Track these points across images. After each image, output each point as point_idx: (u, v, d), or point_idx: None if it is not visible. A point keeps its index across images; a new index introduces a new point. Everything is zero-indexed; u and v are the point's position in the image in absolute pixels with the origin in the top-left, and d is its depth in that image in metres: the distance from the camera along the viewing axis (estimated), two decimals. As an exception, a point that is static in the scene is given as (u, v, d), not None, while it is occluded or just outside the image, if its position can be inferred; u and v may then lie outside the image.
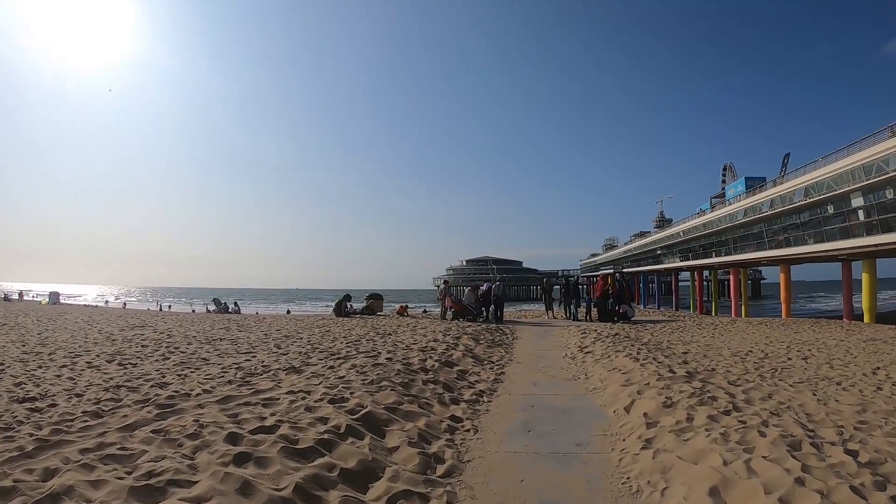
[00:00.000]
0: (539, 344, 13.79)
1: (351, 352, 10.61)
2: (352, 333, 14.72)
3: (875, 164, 28.24)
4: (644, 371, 8.57)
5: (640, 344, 12.28)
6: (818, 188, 32.92)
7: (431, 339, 12.52)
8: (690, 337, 15.09)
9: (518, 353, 12.17)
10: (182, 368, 9.14)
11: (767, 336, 15.69)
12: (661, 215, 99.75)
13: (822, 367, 10.30)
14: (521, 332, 16.80)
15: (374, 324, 18.24)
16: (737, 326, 19.02)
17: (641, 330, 16.67)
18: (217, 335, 15.05)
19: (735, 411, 6.34)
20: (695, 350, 11.96)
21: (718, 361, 10.50)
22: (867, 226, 29.68)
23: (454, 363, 9.68)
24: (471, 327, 16.40)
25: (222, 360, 9.95)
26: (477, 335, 14.15)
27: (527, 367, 10.15)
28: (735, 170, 77.68)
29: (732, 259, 44.56)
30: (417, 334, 14.01)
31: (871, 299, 31.43)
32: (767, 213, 38.68)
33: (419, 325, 16.99)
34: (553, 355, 11.79)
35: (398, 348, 10.96)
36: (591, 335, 14.28)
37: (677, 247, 58.21)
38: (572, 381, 8.87)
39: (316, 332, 15.26)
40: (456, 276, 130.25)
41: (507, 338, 14.80)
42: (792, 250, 36.05)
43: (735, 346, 13.17)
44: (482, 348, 12.00)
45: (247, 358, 10.24)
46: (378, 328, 16.25)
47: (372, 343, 12.18)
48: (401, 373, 8.14)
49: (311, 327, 17.26)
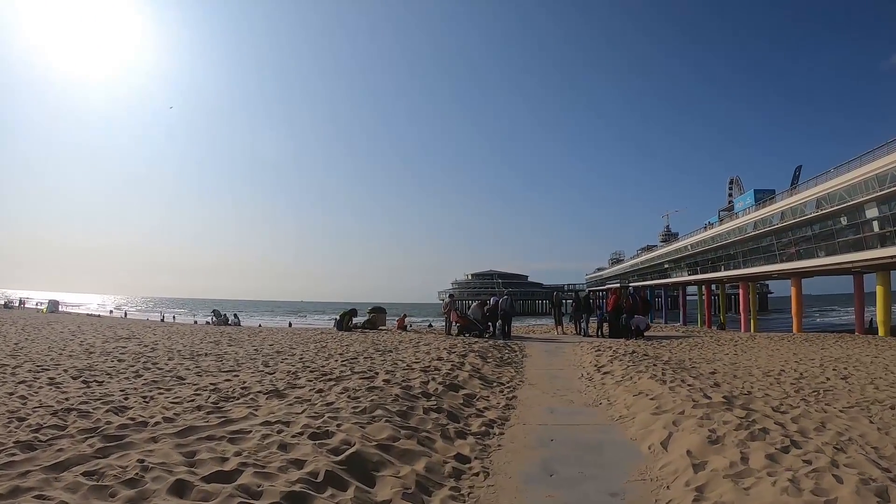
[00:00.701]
0: (551, 362, 12.69)
1: (345, 372, 9.52)
2: (349, 350, 13.65)
3: (889, 173, 27.30)
4: (675, 396, 7.45)
5: (662, 363, 11.16)
6: (830, 199, 31.93)
7: (435, 358, 11.43)
8: (712, 354, 13.95)
9: (529, 372, 11.06)
10: (151, 389, 8.05)
11: (794, 353, 14.55)
12: (666, 229, 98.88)
13: (867, 387, 9.21)
14: (530, 348, 15.70)
15: (375, 339, 17.16)
16: (758, 343, 17.86)
17: (658, 347, 15.54)
18: (204, 350, 14.01)
19: (794, 447, 5.26)
20: (722, 370, 10.83)
21: (752, 383, 9.40)
22: (881, 237, 28.63)
23: (460, 386, 8.57)
24: (477, 343, 15.30)
25: (199, 380, 8.87)
26: (484, 352, 13.05)
27: (540, 390, 9.03)
28: (742, 184, 76.92)
29: (742, 273, 43.43)
30: (420, 351, 12.93)
31: (886, 312, 30.35)
32: (778, 225, 37.65)
33: (422, 341, 15.91)
34: (567, 376, 10.68)
35: (398, 368, 9.87)
36: (606, 353, 13.16)
37: (685, 260, 57.13)
38: (593, 408, 7.75)
39: (311, 348, 14.21)
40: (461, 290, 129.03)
41: (517, 355, 13.70)
42: (805, 263, 34.92)
43: (763, 364, 12.05)
44: (490, 367, 10.89)
45: (227, 378, 9.15)
46: (378, 344, 15.17)
47: (370, 361, 11.10)
48: (399, 399, 7.04)
49: (307, 342, 16.20)
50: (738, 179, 79.55)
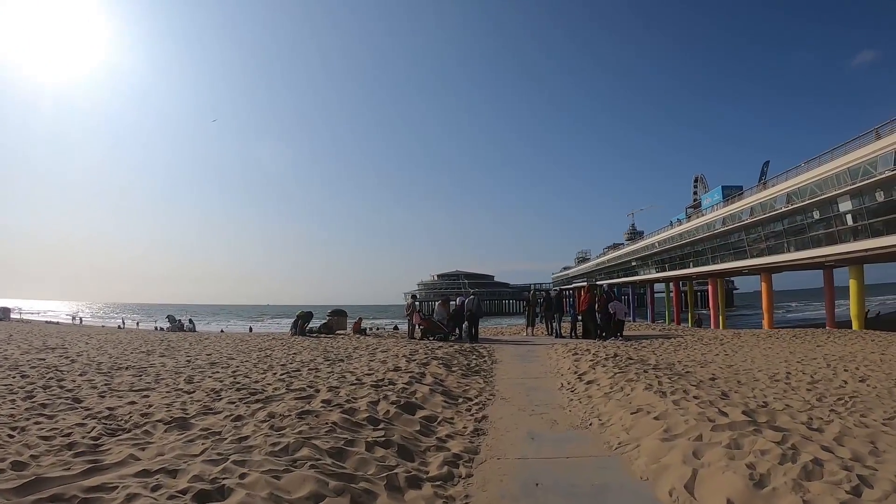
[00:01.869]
0: (525, 369, 11.18)
1: (279, 389, 7.84)
2: (295, 359, 11.93)
3: (862, 167, 26.69)
4: (684, 413, 5.98)
5: (652, 368, 9.73)
6: (801, 194, 31.33)
7: (391, 368, 9.80)
8: (702, 356, 12.62)
9: (501, 382, 9.52)
10: (29, 416, 6.30)
11: (791, 352, 13.34)
12: (632, 228, 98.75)
13: (894, 391, 7.96)
14: (500, 352, 14.19)
15: (329, 346, 15.41)
16: (745, 341, 16.64)
17: (640, 348, 14.17)
18: (129, 361, 12.12)
19: (865, 486, 3.93)
20: (721, 374, 9.45)
21: (762, 390, 8.03)
22: (854, 231, 28.06)
23: (418, 405, 6.96)
24: (441, 348, 13.71)
25: (97, 403, 7.10)
26: (449, 359, 11.47)
27: (516, 406, 7.49)
28: (706, 182, 76.89)
29: (712, 269, 42.82)
30: (376, 360, 11.27)
31: (859, 306, 29.81)
32: (747, 221, 37.03)
33: (381, 347, 14.23)
34: (545, 386, 9.17)
35: (344, 383, 8.22)
36: (585, 357, 11.71)
37: (653, 258, 56.51)
38: (583, 430, 6.23)
39: (252, 358, 12.45)
40: (427, 291, 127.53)
41: (486, 361, 12.16)
42: (777, 258, 34.31)
43: (762, 365, 10.75)
44: (455, 378, 9.30)
45: (133, 399, 7.39)
46: (331, 352, 13.45)
47: (314, 374, 9.42)
48: (336, 428, 5.43)
49: (251, 350, 14.39)
50: (702, 177, 79.47)
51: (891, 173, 24.77)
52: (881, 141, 25.30)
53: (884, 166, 25.39)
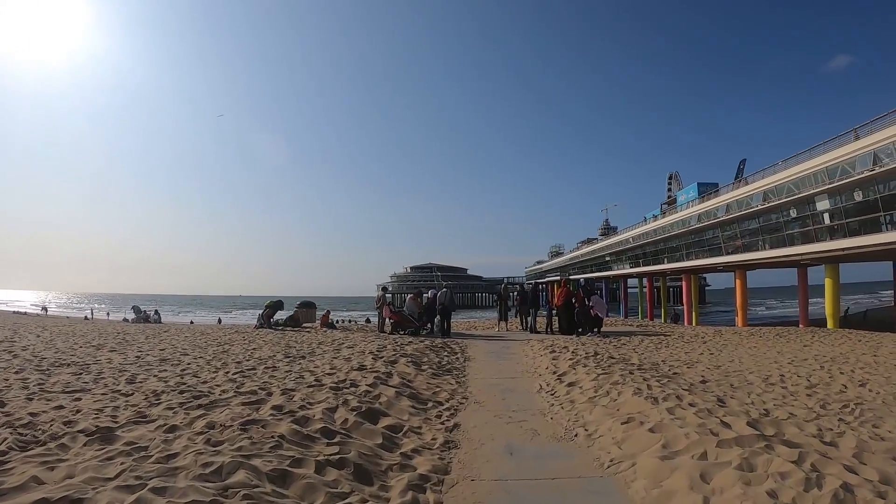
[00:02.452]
0: (500, 368, 10.45)
1: (227, 392, 6.99)
2: (253, 356, 11.04)
3: (840, 166, 26.56)
4: (682, 424, 5.29)
5: (637, 369, 9.08)
6: (778, 192, 31.18)
7: (356, 367, 8.97)
8: (686, 355, 12.05)
9: (474, 383, 8.77)
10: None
11: (778, 351, 12.87)
12: (606, 223, 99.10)
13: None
14: (473, 348, 13.47)
15: (293, 340, 14.50)
16: (728, 339, 16.15)
17: (620, 346, 13.55)
18: (75, 357, 11.15)
19: None
20: (710, 376, 8.85)
21: (758, 395, 7.46)
22: (831, 230, 27.99)
23: (382, 411, 6.17)
24: (412, 344, 12.91)
25: (22, 407, 6.20)
26: (419, 356, 10.68)
27: (491, 412, 6.75)
28: (681, 179, 77.24)
29: (687, 265, 42.69)
30: (341, 357, 10.44)
31: (835, 305, 29.81)
32: (723, 217, 36.91)
33: (348, 343, 13.37)
34: (522, 387, 8.45)
35: (302, 384, 7.40)
36: (564, 355, 11.03)
37: (627, 253, 56.35)
38: (567, 443, 5.50)
39: (207, 354, 11.52)
40: (400, 284, 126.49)
41: (458, 359, 11.41)
42: (752, 255, 34.19)
43: (751, 366, 10.21)
44: (425, 378, 8.52)
45: (62, 403, 6.50)
46: (293, 347, 12.57)
47: (270, 373, 8.57)
48: (283, 442, 4.63)
49: (209, 345, 13.45)
50: (677, 175, 79.88)
51: (870, 173, 24.66)
52: (860, 141, 25.14)
53: (862, 166, 25.28)
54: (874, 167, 24.49)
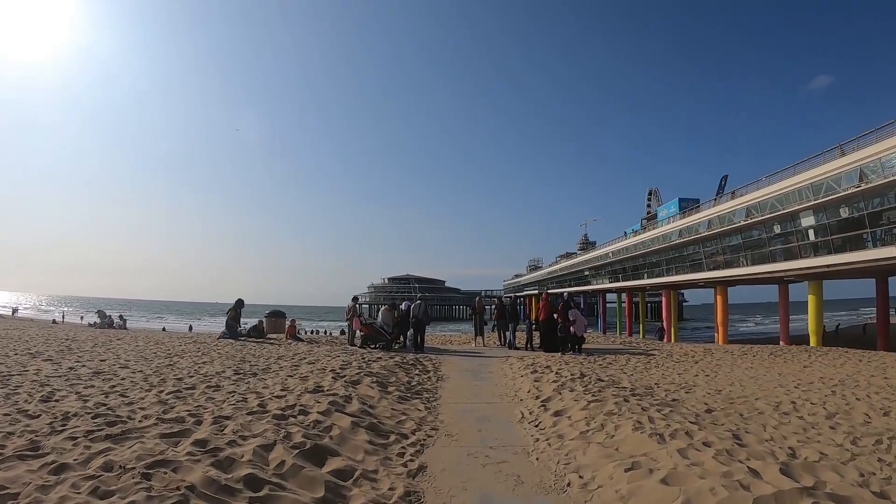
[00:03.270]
0: (476, 390, 9.30)
1: (149, 418, 5.73)
2: (199, 371, 9.72)
3: (825, 182, 26.02)
4: (703, 474, 4.21)
5: (630, 395, 8.01)
6: (761, 208, 30.64)
7: (311, 388, 7.75)
8: (679, 376, 11.00)
9: (447, 409, 7.62)
10: None
11: (778, 373, 11.88)
12: (584, 238, 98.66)
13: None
14: (447, 365, 12.32)
15: (251, 353, 13.13)
16: (720, 358, 15.07)
17: (606, 365, 12.46)
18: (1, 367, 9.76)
19: None
20: (714, 404, 7.78)
21: (774, 427, 6.41)
22: (814, 246, 27.44)
23: (330, 450, 4.97)
24: (380, 360, 11.69)
25: None
26: (386, 376, 9.49)
27: (464, 449, 5.60)
28: (660, 195, 77.03)
29: (667, 280, 42.06)
30: (297, 375, 9.16)
31: (818, 322, 29.20)
32: (705, 233, 36.32)
33: (310, 357, 12.09)
34: (501, 415, 7.33)
35: (241, 411, 6.18)
36: (547, 376, 9.93)
37: (606, 268, 55.71)
38: (559, 497, 4.35)
39: (151, 367, 10.15)
40: (377, 295, 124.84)
41: (430, 378, 10.25)
42: (735, 271, 33.55)
43: (755, 390, 9.15)
44: (390, 403, 7.35)
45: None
46: (248, 361, 11.26)
47: (209, 394, 7.31)
48: (190, 498, 3.47)
49: (157, 356, 12.04)
50: (656, 191, 79.58)
51: (856, 189, 24.15)
52: (846, 157, 24.68)
53: (848, 182, 24.78)
54: (860, 183, 24.02)
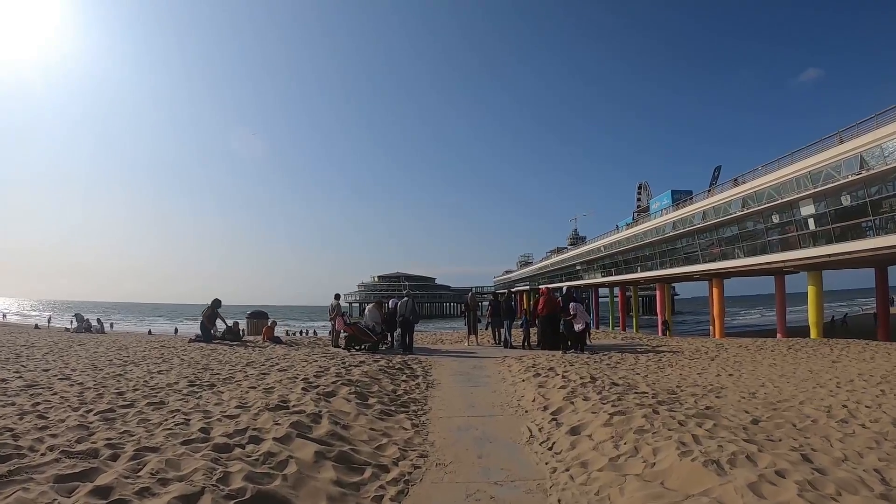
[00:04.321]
0: (472, 398, 7.94)
1: (54, 449, 4.36)
2: (151, 382, 8.29)
3: (824, 170, 24.89)
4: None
5: (655, 402, 6.67)
6: (758, 198, 29.51)
7: (275, 402, 6.34)
8: (698, 376, 9.67)
9: (438, 426, 6.25)
10: None
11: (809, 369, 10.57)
12: (575, 232, 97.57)
13: None
14: (438, 368, 10.98)
15: (217, 359, 11.56)
16: (736, 354, 13.63)
17: (615, 365, 11.13)
18: None
19: None
20: (753, 410, 6.44)
21: (838, 440, 5.11)
22: (814, 235, 26.32)
23: (278, 499, 3.64)
24: (363, 364, 10.23)
25: None
26: (367, 384, 8.10)
27: (461, 487, 4.23)
28: (650, 189, 76.04)
29: (662, 273, 40.90)
30: (262, 387, 7.69)
31: (818, 313, 28.11)
32: (699, 225, 35.19)
33: (283, 363, 10.61)
34: (504, 433, 5.96)
35: (177, 437, 4.81)
36: (552, 380, 8.60)
37: (598, 262, 54.55)
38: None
39: (98, 377, 8.65)
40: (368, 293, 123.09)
41: (419, 384, 8.87)
42: (732, 263, 32.42)
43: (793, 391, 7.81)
44: (368, 421, 5.96)
45: None
46: (211, 369, 9.77)
47: (148, 413, 5.91)
48: None
49: (112, 364, 10.57)
50: (646, 185, 78.48)
51: (857, 177, 23.06)
52: (846, 144, 23.60)
53: (848, 170, 23.68)
54: (861, 171, 22.94)
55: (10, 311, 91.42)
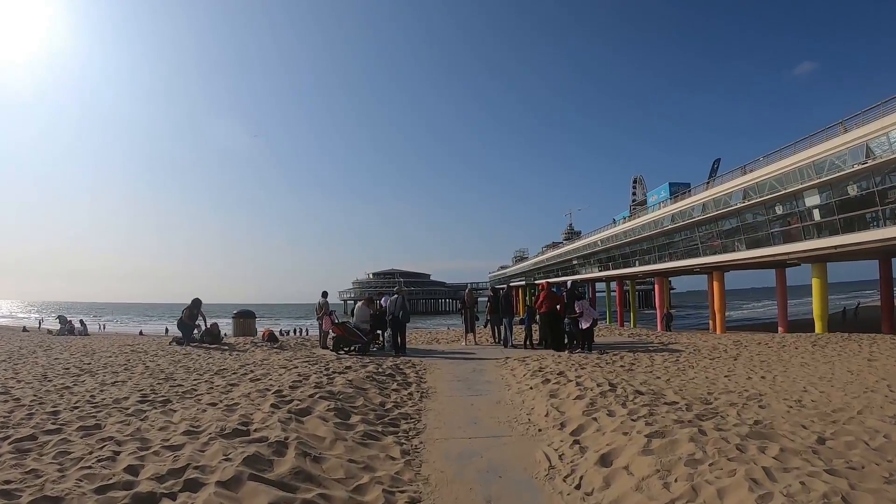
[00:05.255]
0: (473, 413, 6.72)
1: None
2: (97, 396, 7.03)
3: (828, 160, 23.76)
4: None
5: (693, 416, 5.52)
6: (760, 189, 28.38)
7: (235, 424, 5.12)
8: (727, 379, 8.47)
9: (434, 455, 5.00)
10: None
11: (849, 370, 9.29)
12: (570, 227, 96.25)
13: None
14: (434, 373, 9.78)
15: (186, 366, 10.16)
16: (758, 353, 12.22)
17: (630, 367, 9.92)
18: None
19: None
20: (811, 425, 5.27)
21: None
22: (819, 227, 25.22)
23: None
24: (348, 372, 8.84)
25: None
26: (351, 396, 6.87)
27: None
28: (645, 183, 74.84)
29: (659, 267, 39.74)
30: (223, 403, 6.43)
31: (823, 306, 27.04)
32: (699, 217, 34.02)
33: (259, 370, 9.32)
34: (516, 461, 4.75)
35: (92, 482, 3.62)
36: (565, 387, 7.42)
37: (595, 256, 53.35)
38: None
39: (41, 390, 7.45)
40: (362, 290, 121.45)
41: (412, 395, 7.66)
42: (733, 256, 31.31)
43: (847, 400, 6.57)
44: (347, 450, 4.71)
45: None
46: (173, 380, 8.39)
47: (60, 449, 4.66)
48: None
49: (64, 374, 9.27)
50: (641, 178, 77.10)
51: (864, 166, 21.97)
52: (851, 133, 22.47)
53: (854, 159, 22.59)
54: (867, 160, 21.85)
55: (11, 313, 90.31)
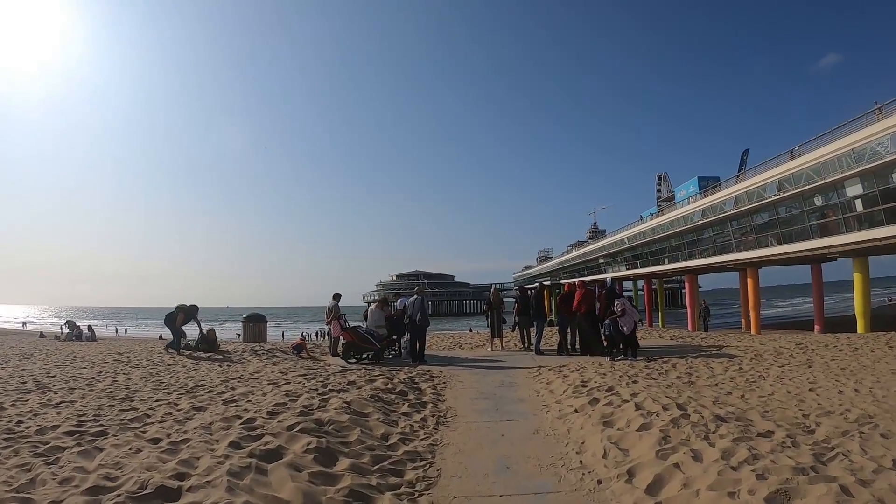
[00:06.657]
0: (504, 448, 5.01)
1: None
2: (23, 423, 5.36)
3: (868, 148, 21.51)
4: None
5: (814, 458, 3.77)
6: (795, 180, 26.07)
7: (163, 480, 3.49)
8: (815, 395, 6.68)
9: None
10: None
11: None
12: (594, 226, 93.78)
13: None
14: (454, 388, 8.08)
15: (161, 380, 8.39)
16: (832, 357, 10.11)
17: (686, 377, 8.12)
18: None
19: None
20: None
21: None
22: (860, 218, 22.90)
23: None
24: (350, 389, 7.22)
25: None
26: (345, 427, 5.12)
27: None
28: (669, 180, 72.35)
29: (691, 264, 37.37)
30: (179, 433, 4.86)
31: (866, 303, 24.79)
32: (732, 211, 31.72)
33: (242, 387, 7.65)
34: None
35: None
36: (622, 411, 5.67)
37: (622, 254, 51.02)
38: None
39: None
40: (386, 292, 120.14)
41: (425, 420, 5.92)
42: (769, 251, 29.08)
43: None
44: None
45: None
46: (130, 400, 6.62)
47: None
48: None
49: (14, 391, 7.72)
50: (666, 175, 74.69)
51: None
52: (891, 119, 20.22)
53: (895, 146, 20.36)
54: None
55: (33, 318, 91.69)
